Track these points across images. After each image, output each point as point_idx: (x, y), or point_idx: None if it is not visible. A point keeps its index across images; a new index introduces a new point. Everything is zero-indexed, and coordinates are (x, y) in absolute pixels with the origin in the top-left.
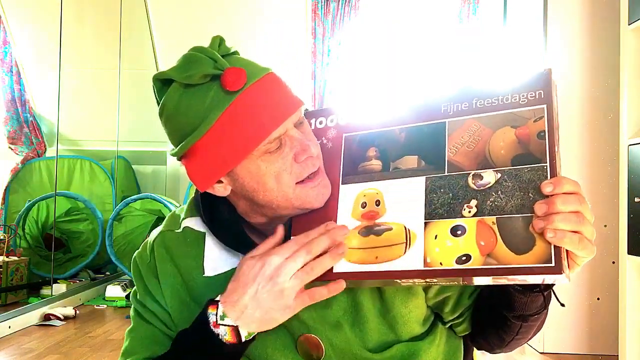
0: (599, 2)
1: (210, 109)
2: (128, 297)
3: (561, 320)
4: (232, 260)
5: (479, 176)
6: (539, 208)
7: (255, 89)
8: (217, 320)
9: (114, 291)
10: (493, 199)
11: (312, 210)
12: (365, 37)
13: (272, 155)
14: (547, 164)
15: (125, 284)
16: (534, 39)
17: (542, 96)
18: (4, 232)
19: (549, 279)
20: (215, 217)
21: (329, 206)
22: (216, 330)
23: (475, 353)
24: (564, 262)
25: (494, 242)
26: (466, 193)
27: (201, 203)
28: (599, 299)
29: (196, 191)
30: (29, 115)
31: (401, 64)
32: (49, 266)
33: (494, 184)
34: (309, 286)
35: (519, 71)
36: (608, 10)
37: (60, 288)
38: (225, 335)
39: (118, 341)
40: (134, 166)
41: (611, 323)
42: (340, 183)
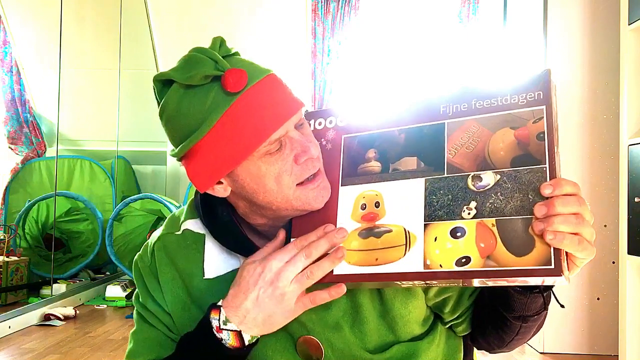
0: (599, 2)
1: (211, 110)
2: (128, 297)
3: (561, 320)
4: (232, 262)
5: (478, 178)
6: (539, 210)
7: (255, 91)
8: (220, 325)
9: (114, 291)
10: (492, 200)
11: (312, 211)
12: (365, 37)
13: (272, 157)
14: (547, 165)
15: (125, 284)
16: (534, 39)
17: (542, 97)
18: (4, 232)
19: (549, 281)
20: (215, 219)
21: (328, 208)
22: (219, 335)
23: (475, 353)
24: (564, 264)
25: (493, 244)
26: (466, 195)
27: (200, 205)
28: (599, 299)
29: (196, 192)
30: (29, 115)
31: (401, 64)
32: (49, 266)
33: (493, 186)
34: (309, 289)
35: (518, 72)
36: (608, 10)
37: (60, 288)
38: (228, 340)
39: (118, 341)
40: (134, 166)
41: (611, 323)
42: (339, 184)
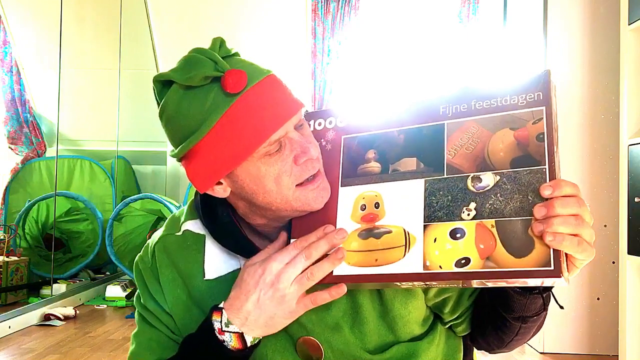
0: (599, 2)
1: (211, 110)
2: (128, 297)
3: (561, 320)
4: (232, 263)
5: (478, 179)
6: (538, 211)
7: (255, 91)
8: (222, 327)
9: (114, 291)
10: (492, 201)
11: (312, 212)
12: (365, 37)
13: (271, 158)
14: (546, 166)
15: (125, 284)
16: (534, 39)
17: (541, 98)
18: (4, 232)
19: (548, 282)
20: (215, 220)
21: (328, 208)
22: (221, 337)
23: (475, 353)
24: (563, 265)
25: (493, 245)
26: (465, 196)
27: (201, 205)
28: (599, 299)
29: (196, 193)
30: (29, 115)
31: (401, 64)
32: (49, 266)
33: (493, 187)
34: (310, 289)
35: (518, 72)
36: (608, 10)
37: (60, 288)
38: (230, 341)
39: (118, 341)
40: (134, 166)
41: (611, 323)
42: (339, 185)
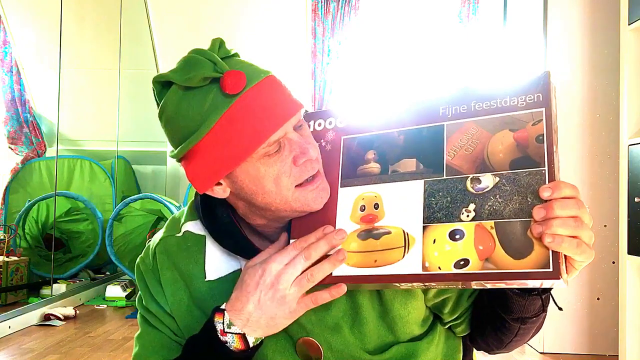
0: (599, 2)
1: (210, 111)
2: (128, 297)
3: (561, 320)
4: (233, 263)
5: (477, 180)
6: (537, 213)
7: (254, 92)
8: (224, 328)
9: (114, 291)
10: (491, 203)
11: (311, 212)
12: (365, 37)
13: (271, 158)
14: (546, 167)
15: (125, 284)
16: (534, 39)
17: (541, 99)
18: (4, 232)
19: (547, 284)
20: (215, 220)
21: (327, 209)
22: (224, 339)
23: (475, 353)
24: (562, 267)
25: (492, 246)
26: (464, 197)
27: (201, 206)
28: (599, 299)
29: (196, 194)
30: (29, 115)
31: (401, 64)
32: (49, 266)
33: (492, 188)
34: (310, 290)
35: (518, 73)
36: (608, 10)
37: (60, 288)
38: (233, 342)
39: (118, 341)
40: (134, 166)
41: (611, 323)
42: (339, 186)
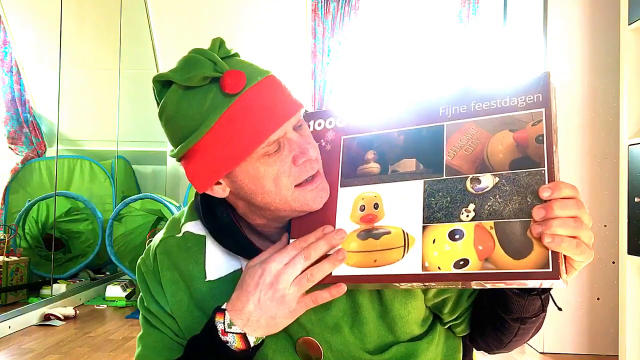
0: (599, 2)
1: (210, 111)
2: (128, 297)
3: (561, 320)
4: (233, 263)
5: (477, 180)
6: (537, 213)
7: (254, 92)
8: (225, 328)
9: (114, 291)
10: (491, 203)
11: (311, 212)
12: (365, 37)
13: (270, 158)
14: (545, 168)
15: (125, 284)
16: (534, 39)
17: (541, 99)
18: (4, 232)
19: (547, 284)
20: (215, 220)
21: (327, 209)
22: (225, 338)
23: (475, 353)
24: (562, 267)
25: (491, 246)
26: (464, 197)
27: (201, 206)
28: (599, 299)
29: (196, 194)
30: (29, 115)
31: (401, 64)
32: (49, 266)
33: (492, 188)
34: (309, 289)
35: (518, 73)
36: (608, 10)
37: (60, 288)
38: (234, 342)
39: (118, 341)
40: (134, 166)
41: (611, 323)
42: (339, 186)
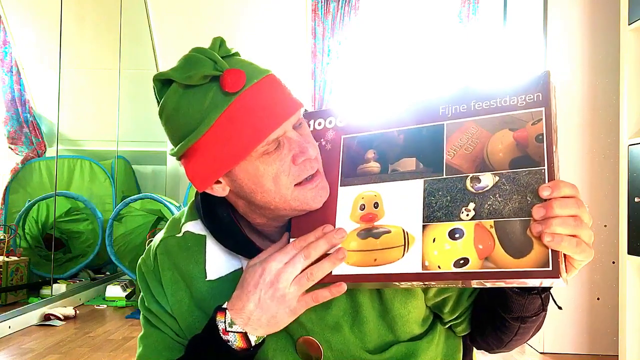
0: (599, 2)
1: (209, 109)
2: (128, 297)
3: (561, 320)
4: (233, 263)
5: (477, 179)
6: (537, 212)
7: (254, 91)
8: (226, 327)
9: (114, 291)
10: (491, 202)
11: (311, 211)
12: (365, 37)
13: (270, 157)
14: (545, 167)
15: (125, 284)
16: (534, 39)
17: (541, 99)
18: (4, 232)
19: (547, 283)
20: (215, 220)
21: (327, 208)
22: (226, 338)
23: (475, 353)
24: (562, 266)
25: (492, 245)
26: (464, 196)
27: (201, 206)
28: (599, 299)
29: (196, 194)
30: (29, 115)
31: (401, 64)
32: (49, 266)
33: (492, 187)
34: (310, 289)
35: (518, 72)
36: (608, 10)
37: (60, 288)
38: (235, 341)
39: (118, 341)
40: (134, 166)
41: (611, 323)
42: (339, 185)
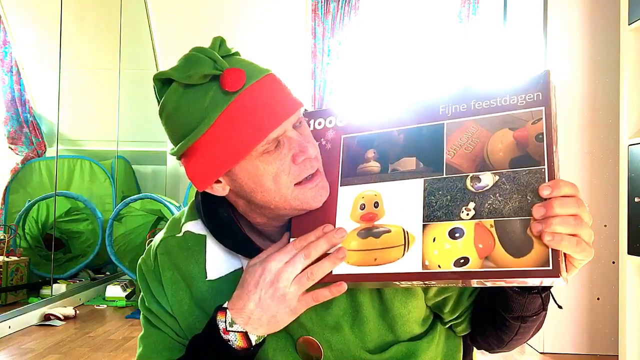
0: (599, 2)
1: (210, 109)
2: (128, 297)
3: (561, 320)
4: (234, 262)
5: (477, 178)
6: (537, 211)
7: (254, 90)
8: (226, 327)
9: (114, 291)
10: (491, 201)
11: (311, 211)
12: (365, 37)
13: (270, 156)
14: (545, 166)
15: (125, 284)
16: (534, 39)
17: (541, 98)
18: (4, 232)
19: (547, 282)
20: (216, 220)
21: (327, 208)
22: (226, 337)
23: (475, 353)
24: (562, 265)
25: (492, 244)
26: (464, 195)
27: (201, 206)
28: (599, 299)
29: (196, 194)
30: (29, 115)
31: (401, 64)
32: (49, 266)
33: (492, 187)
34: (310, 288)
35: (518, 72)
36: (608, 10)
37: (60, 288)
38: (235, 341)
39: (118, 341)
40: (134, 166)
41: (611, 323)
42: (339, 184)
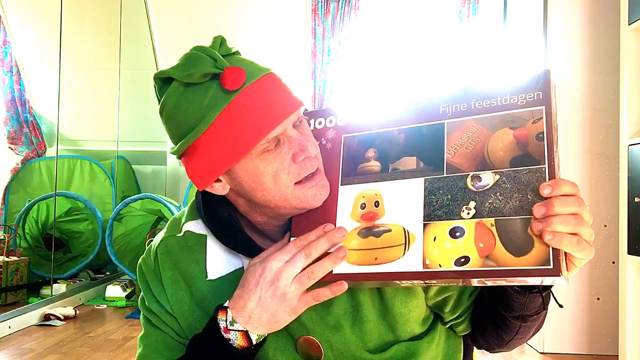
0: (599, 2)
1: (210, 107)
2: (128, 297)
3: (561, 320)
4: (234, 262)
5: (477, 178)
6: (538, 210)
7: (254, 89)
8: (227, 326)
9: (114, 291)
10: (492, 200)
11: (312, 210)
12: (365, 37)
13: (270, 155)
14: (546, 165)
15: (125, 284)
16: (534, 39)
17: (541, 97)
18: (4, 232)
19: (547, 281)
20: (216, 219)
21: (328, 207)
22: (227, 336)
23: (475, 352)
24: (562, 264)
25: (492, 244)
26: (465, 194)
27: (202, 205)
28: (599, 299)
29: (196, 194)
30: (29, 115)
31: (401, 64)
32: (49, 266)
33: (492, 186)
34: (310, 288)
35: (518, 72)
36: (608, 10)
37: (60, 288)
38: (236, 340)
39: (118, 341)
40: (134, 166)
41: (611, 323)
42: (339, 184)
